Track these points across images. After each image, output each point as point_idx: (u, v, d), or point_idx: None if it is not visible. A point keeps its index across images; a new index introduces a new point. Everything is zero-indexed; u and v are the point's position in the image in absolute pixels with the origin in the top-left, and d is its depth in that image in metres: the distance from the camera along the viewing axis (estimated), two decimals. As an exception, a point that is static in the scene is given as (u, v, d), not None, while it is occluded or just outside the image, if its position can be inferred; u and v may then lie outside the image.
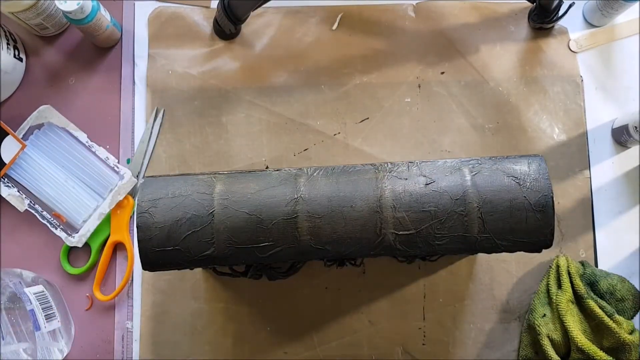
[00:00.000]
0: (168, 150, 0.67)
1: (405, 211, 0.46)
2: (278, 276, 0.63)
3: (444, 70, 0.69)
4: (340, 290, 0.64)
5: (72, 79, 0.69)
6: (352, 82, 0.69)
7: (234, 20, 0.65)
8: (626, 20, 0.71)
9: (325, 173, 0.48)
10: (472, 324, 0.64)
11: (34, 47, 0.69)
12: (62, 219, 0.65)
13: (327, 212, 0.46)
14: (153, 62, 0.69)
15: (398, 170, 0.48)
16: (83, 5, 0.60)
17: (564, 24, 0.70)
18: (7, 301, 0.57)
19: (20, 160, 0.64)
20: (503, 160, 0.48)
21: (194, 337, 0.63)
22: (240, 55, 0.69)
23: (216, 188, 0.47)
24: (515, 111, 0.68)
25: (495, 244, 0.47)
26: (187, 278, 0.64)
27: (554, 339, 0.59)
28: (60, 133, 0.66)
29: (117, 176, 0.66)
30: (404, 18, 0.71)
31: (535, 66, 0.69)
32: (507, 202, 0.46)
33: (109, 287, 0.65)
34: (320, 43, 0.70)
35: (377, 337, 0.64)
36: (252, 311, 0.64)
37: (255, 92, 0.68)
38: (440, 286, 0.65)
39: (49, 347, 0.59)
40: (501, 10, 0.71)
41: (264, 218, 0.46)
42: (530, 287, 0.65)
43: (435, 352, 0.64)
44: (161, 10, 0.70)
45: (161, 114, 0.67)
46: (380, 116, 0.68)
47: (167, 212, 0.46)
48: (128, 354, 0.63)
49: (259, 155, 0.67)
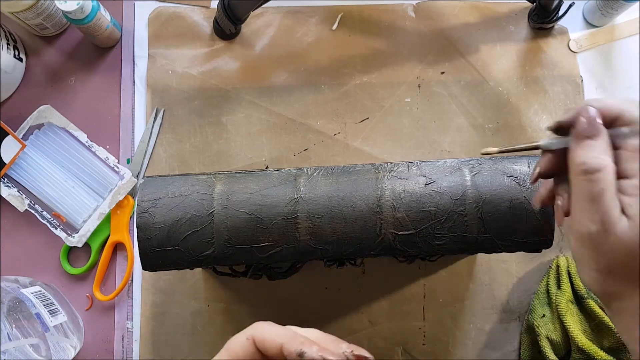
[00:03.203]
0: (168, 150, 0.67)
1: (405, 211, 0.46)
2: (278, 276, 0.63)
3: (444, 70, 0.69)
4: (340, 290, 0.64)
5: (72, 79, 0.69)
6: (352, 82, 0.69)
7: (234, 20, 0.65)
8: (626, 20, 0.71)
9: (325, 173, 0.48)
10: (472, 324, 0.64)
11: (34, 47, 0.69)
12: (62, 219, 0.65)
13: (327, 212, 0.46)
14: (153, 62, 0.69)
15: (398, 170, 0.48)
16: (83, 5, 0.60)
17: (564, 24, 0.70)
18: (10, 305, 0.57)
19: (20, 160, 0.64)
20: (503, 160, 0.48)
21: (194, 337, 0.63)
22: (240, 55, 0.69)
23: (216, 188, 0.47)
24: (515, 111, 0.68)
25: (495, 244, 0.47)
26: (187, 278, 0.64)
27: (554, 339, 0.59)
28: (60, 133, 0.66)
29: (117, 176, 0.66)
30: (404, 18, 0.71)
31: (535, 66, 0.69)
32: (507, 202, 0.46)
33: (109, 287, 0.65)
34: (320, 43, 0.70)
35: (377, 337, 0.64)
36: (252, 311, 0.64)
37: (255, 92, 0.68)
38: (440, 286, 0.65)
39: (61, 344, 0.59)
40: (501, 10, 0.71)
41: (264, 218, 0.46)
42: (530, 287, 0.65)
43: (435, 352, 0.64)
44: (161, 10, 0.70)
45: (161, 114, 0.67)
46: (380, 116, 0.68)
47: (167, 212, 0.46)
48: (128, 354, 0.63)
49: (259, 155, 0.67)
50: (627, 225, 0.33)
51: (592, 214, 0.34)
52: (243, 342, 0.35)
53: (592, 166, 0.34)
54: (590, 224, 0.34)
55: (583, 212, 0.35)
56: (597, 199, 0.34)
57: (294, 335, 0.34)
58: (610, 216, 0.33)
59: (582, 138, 0.35)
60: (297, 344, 0.33)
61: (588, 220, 0.34)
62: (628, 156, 0.34)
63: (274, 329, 0.35)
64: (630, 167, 0.34)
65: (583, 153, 0.34)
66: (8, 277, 0.60)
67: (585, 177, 0.34)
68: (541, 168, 0.39)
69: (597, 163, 0.34)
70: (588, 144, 0.34)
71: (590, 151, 0.34)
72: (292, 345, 0.33)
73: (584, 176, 0.34)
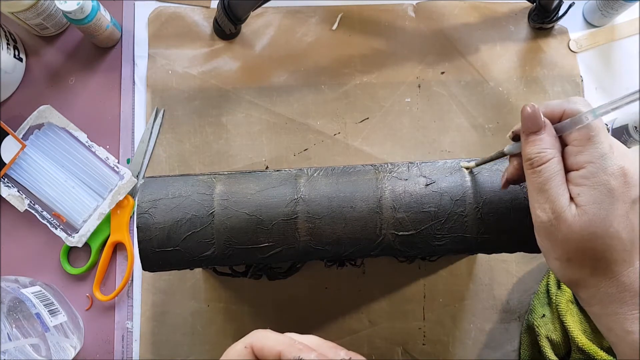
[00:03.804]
0: (168, 150, 0.67)
1: (405, 212, 0.46)
2: (278, 276, 0.63)
3: (444, 70, 0.69)
4: (340, 290, 0.64)
5: (72, 79, 0.69)
6: (352, 82, 0.69)
7: (234, 20, 0.65)
8: (626, 20, 0.71)
9: (326, 173, 0.48)
10: (472, 324, 0.64)
11: (34, 47, 0.69)
12: (62, 219, 0.65)
13: (327, 212, 0.46)
14: (153, 62, 0.69)
15: (398, 170, 0.48)
16: (83, 5, 0.60)
17: (564, 24, 0.70)
18: (10, 305, 0.57)
19: (20, 160, 0.64)
20: (503, 161, 0.48)
21: (194, 337, 0.63)
22: (240, 55, 0.69)
23: (216, 188, 0.47)
24: (515, 111, 0.68)
25: (495, 244, 0.47)
26: (187, 278, 0.64)
27: (553, 339, 0.59)
28: (60, 133, 0.66)
29: (117, 176, 0.66)
30: (404, 18, 0.71)
31: (535, 66, 0.69)
32: (507, 202, 0.46)
33: (109, 287, 0.65)
34: (320, 43, 0.70)
35: (377, 337, 0.64)
36: (252, 311, 0.64)
37: (255, 92, 0.68)
38: (440, 286, 0.65)
39: (61, 344, 0.59)
40: (501, 10, 0.71)
41: (264, 219, 0.46)
42: (530, 287, 0.65)
43: (435, 352, 0.64)
44: (161, 10, 0.70)
45: (161, 114, 0.67)
46: (380, 116, 0.68)
47: (167, 212, 0.46)
48: (128, 354, 0.63)
49: (259, 155, 0.67)
50: (576, 213, 0.35)
51: (542, 204, 0.36)
52: (241, 351, 0.35)
53: (536, 159, 0.36)
54: (542, 213, 0.36)
55: (535, 203, 0.37)
56: (543, 188, 0.36)
57: (292, 343, 0.34)
58: (557, 204, 0.35)
59: (528, 134, 0.37)
60: (296, 351, 0.34)
61: (539, 210, 0.36)
62: (574, 150, 0.36)
63: (272, 336, 0.35)
64: (577, 160, 0.36)
65: (529, 148, 0.37)
66: (8, 277, 0.60)
67: (532, 170, 0.37)
68: (509, 174, 0.42)
69: (541, 156, 0.36)
70: (533, 139, 0.37)
71: (536, 145, 0.37)
72: (291, 352, 0.34)
73: (532, 169, 0.37)
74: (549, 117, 0.37)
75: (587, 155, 0.35)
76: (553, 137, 0.37)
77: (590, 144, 0.35)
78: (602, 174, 0.35)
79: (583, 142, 0.36)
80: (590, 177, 0.35)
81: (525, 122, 0.37)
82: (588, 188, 0.35)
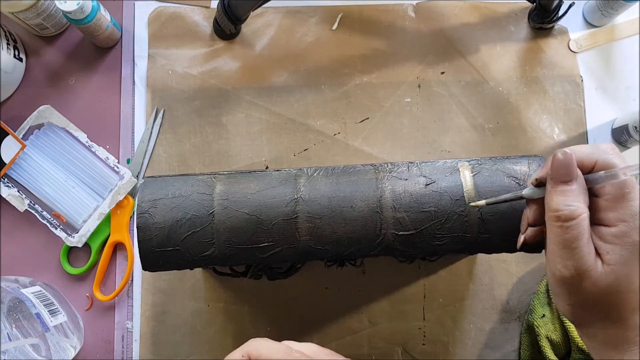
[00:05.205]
0: (168, 150, 0.67)
1: (405, 211, 0.46)
2: (278, 276, 0.63)
3: (444, 70, 0.69)
4: (340, 290, 0.64)
5: (72, 79, 0.69)
6: (352, 82, 0.69)
7: (234, 20, 0.65)
8: (626, 20, 0.71)
9: (325, 173, 0.48)
10: (472, 324, 0.64)
11: (34, 47, 0.69)
12: (62, 219, 0.65)
13: (327, 212, 0.46)
14: (153, 62, 0.69)
15: (398, 170, 0.48)
16: (83, 5, 0.60)
17: (564, 24, 0.70)
18: (10, 305, 0.57)
19: (20, 160, 0.64)
20: (503, 161, 0.48)
21: (194, 337, 0.63)
22: (240, 55, 0.69)
23: (216, 188, 0.47)
24: (515, 111, 0.68)
25: (495, 244, 0.47)
26: (187, 278, 0.64)
27: (553, 339, 0.59)
28: (60, 133, 0.66)
29: (117, 176, 0.66)
30: (404, 18, 0.71)
31: (535, 66, 0.69)
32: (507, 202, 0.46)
33: (109, 287, 0.65)
34: (320, 43, 0.70)
35: (377, 337, 0.64)
36: (252, 311, 0.64)
37: (255, 92, 0.68)
38: (440, 286, 0.65)
39: (61, 344, 0.59)
40: (501, 10, 0.71)
41: (264, 218, 0.46)
42: (530, 287, 0.65)
43: (435, 352, 0.64)
44: (161, 10, 0.70)
45: (161, 114, 0.67)
46: (380, 116, 0.68)
47: (167, 212, 0.46)
48: (128, 354, 0.63)
49: (259, 155, 0.67)
50: (603, 271, 0.34)
51: (565, 260, 0.34)
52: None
53: (565, 214, 0.34)
54: (564, 269, 0.34)
55: (556, 257, 0.35)
56: (570, 246, 0.34)
57: (289, 351, 0.34)
58: (583, 264, 0.34)
59: (557, 183, 0.35)
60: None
61: (561, 265, 0.34)
62: (606, 205, 0.35)
63: (269, 345, 0.35)
64: (608, 217, 0.34)
65: (557, 199, 0.35)
66: (8, 277, 0.60)
67: (559, 224, 0.34)
68: (529, 219, 0.40)
69: (570, 211, 0.34)
70: (563, 189, 0.34)
71: (565, 197, 0.34)
72: None
73: (558, 223, 0.34)
74: (578, 166, 0.35)
75: (621, 214, 0.34)
76: (583, 189, 0.35)
77: (624, 202, 0.34)
78: (635, 234, 0.33)
79: (617, 198, 0.34)
80: (622, 237, 0.34)
81: (556, 169, 0.35)
82: (619, 248, 0.34)
